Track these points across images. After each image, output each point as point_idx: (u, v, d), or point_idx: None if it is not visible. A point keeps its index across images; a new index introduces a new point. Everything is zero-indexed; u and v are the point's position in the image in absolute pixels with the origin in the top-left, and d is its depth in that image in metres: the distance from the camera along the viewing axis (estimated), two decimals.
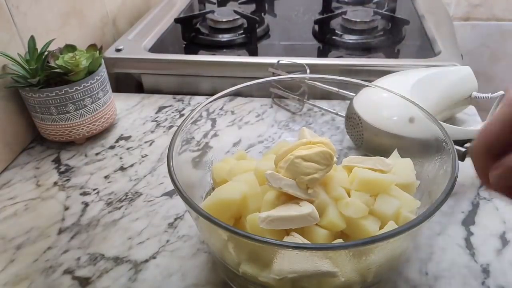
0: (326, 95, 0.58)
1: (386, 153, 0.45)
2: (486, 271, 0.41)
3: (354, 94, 0.55)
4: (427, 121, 0.42)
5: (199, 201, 0.42)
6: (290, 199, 0.36)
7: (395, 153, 0.45)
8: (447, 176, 0.35)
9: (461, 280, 0.40)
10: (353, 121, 0.53)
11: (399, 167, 0.42)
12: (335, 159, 0.38)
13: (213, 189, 0.46)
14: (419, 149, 0.45)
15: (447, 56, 0.68)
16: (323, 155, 0.36)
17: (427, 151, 0.42)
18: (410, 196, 0.40)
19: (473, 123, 0.62)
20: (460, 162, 0.40)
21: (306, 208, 0.34)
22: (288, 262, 0.32)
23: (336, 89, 0.56)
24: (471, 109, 0.65)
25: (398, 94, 0.46)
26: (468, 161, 0.54)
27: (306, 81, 0.57)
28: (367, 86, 0.49)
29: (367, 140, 0.51)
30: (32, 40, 0.57)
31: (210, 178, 0.47)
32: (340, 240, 0.36)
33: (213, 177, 0.45)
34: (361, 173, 0.39)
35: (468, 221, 0.47)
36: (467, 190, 0.50)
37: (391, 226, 0.36)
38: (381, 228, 0.37)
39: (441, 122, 0.41)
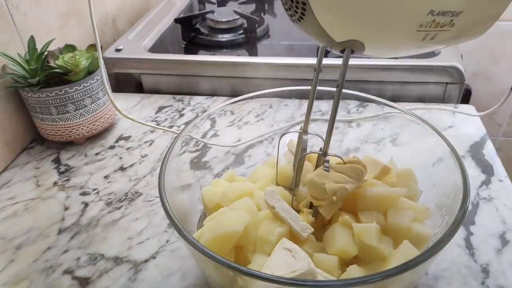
0: (326, 95, 0.58)
1: None
2: (486, 271, 0.41)
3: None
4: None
5: (193, 220, 0.42)
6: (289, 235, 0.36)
7: (393, 162, 0.45)
8: (455, 187, 0.35)
9: (461, 280, 0.40)
10: None
11: (401, 177, 0.41)
12: (365, 177, 0.38)
13: (204, 214, 0.44)
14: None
15: (447, 56, 0.68)
16: (354, 170, 0.36)
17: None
18: (421, 206, 0.39)
19: (473, 123, 0.62)
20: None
21: (302, 263, 0.33)
22: None
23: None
24: (471, 109, 0.65)
25: None
26: (468, 161, 0.54)
27: None
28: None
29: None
30: (32, 40, 0.57)
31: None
32: (354, 266, 0.35)
33: (204, 202, 0.43)
34: (369, 191, 0.38)
35: (468, 221, 0.47)
36: None
37: (406, 246, 0.35)
38: (395, 246, 0.36)
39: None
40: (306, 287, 0.28)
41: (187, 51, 0.81)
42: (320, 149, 0.38)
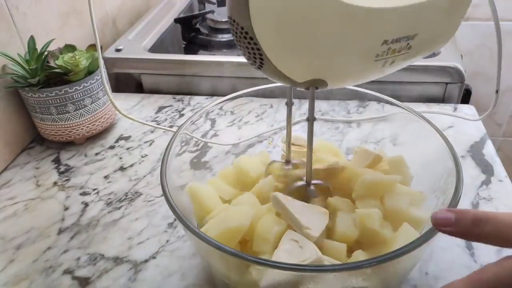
0: (326, 95, 0.58)
1: None
2: None
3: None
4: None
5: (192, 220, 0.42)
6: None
7: (383, 150, 0.45)
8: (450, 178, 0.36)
9: None
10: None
11: (393, 165, 0.42)
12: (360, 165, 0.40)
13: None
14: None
15: (447, 56, 0.68)
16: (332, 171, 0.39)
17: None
18: (416, 191, 0.40)
19: (472, 124, 0.62)
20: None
21: (310, 252, 0.33)
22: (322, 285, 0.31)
23: None
24: (471, 109, 0.65)
25: None
26: (468, 161, 0.54)
27: None
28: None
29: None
30: (31, 40, 0.57)
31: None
32: (359, 251, 0.36)
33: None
34: (365, 179, 0.39)
35: None
36: (467, 190, 0.50)
37: (406, 228, 0.36)
38: (394, 229, 0.37)
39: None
40: (323, 272, 0.29)
41: (187, 51, 0.81)
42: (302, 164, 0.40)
